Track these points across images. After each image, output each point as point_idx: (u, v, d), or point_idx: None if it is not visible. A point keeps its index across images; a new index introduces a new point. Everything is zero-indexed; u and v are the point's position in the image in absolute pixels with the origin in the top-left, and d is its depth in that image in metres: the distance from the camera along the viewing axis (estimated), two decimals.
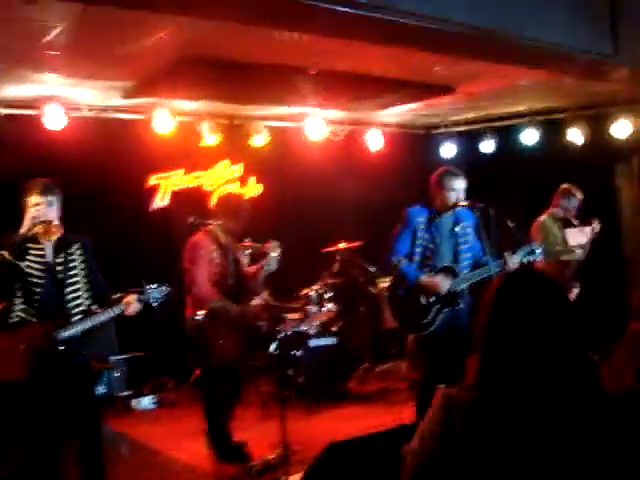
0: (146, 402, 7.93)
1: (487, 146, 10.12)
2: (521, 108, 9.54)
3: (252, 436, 6.49)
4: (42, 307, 4.66)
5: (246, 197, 9.49)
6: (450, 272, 5.82)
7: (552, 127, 9.61)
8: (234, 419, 6.42)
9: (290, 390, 7.48)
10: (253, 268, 6.40)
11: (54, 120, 7.54)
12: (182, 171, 9.13)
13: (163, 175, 8.97)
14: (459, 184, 5.82)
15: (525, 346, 2.06)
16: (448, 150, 10.46)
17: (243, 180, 9.61)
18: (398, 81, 7.63)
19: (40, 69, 6.49)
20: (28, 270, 4.66)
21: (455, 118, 10.32)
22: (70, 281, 4.79)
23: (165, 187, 8.98)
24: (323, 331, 8.12)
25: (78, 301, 4.81)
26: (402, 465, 2.24)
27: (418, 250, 5.82)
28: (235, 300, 5.97)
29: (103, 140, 7.93)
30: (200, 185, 9.29)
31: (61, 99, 7.51)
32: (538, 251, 6.01)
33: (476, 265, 5.93)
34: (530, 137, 9.69)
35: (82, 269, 4.87)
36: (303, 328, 8.02)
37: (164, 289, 5.06)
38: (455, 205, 5.79)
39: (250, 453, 5.90)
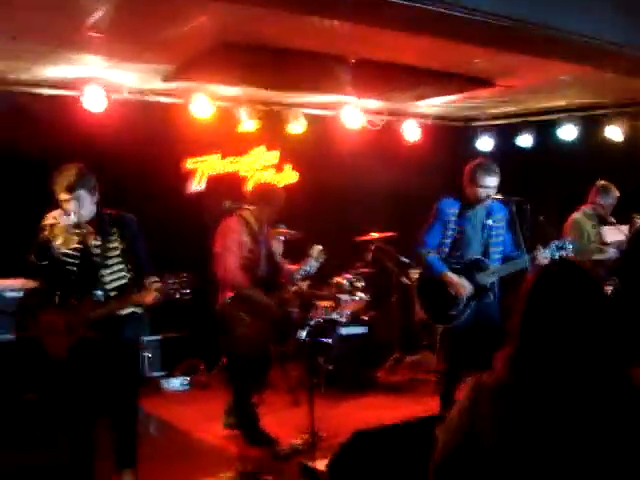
0: (177, 384, 8.00)
1: (525, 140, 10.04)
2: (560, 103, 9.45)
3: (280, 421, 6.57)
4: (78, 289, 4.75)
5: (281, 184, 9.54)
6: (480, 265, 5.82)
7: (591, 123, 9.50)
8: (262, 404, 6.50)
9: (319, 377, 7.51)
10: (292, 267, 6.42)
11: (94, 102, 7.60)
12: (219, 156, 9.17)
13: (200, 159, 9.03)
14: (491, 181, 5.81)
15: (560, 338, 2.07)
16: (485, 143, 10.39)
17: (279, 167, 9.63)
18: (437, 72, 7.59)
19: (82, 50, 6.55)
20: (63, 253, 4.74)
21: (493, 111, 10.24)
22: (107, 263, 4.84)
23: (202, 171, 9.03)
24: (354, 320, 8.13)
25: (115, 284, 4.85)
26: (433, 450, 2.25)
27: (448, 241, 5.84)
28: (265, 289, 5.99)
29: (142, 123, 8.00)
30: (236, 170, 9.32)
31: (102, 81, 7.57)
32: (569, 247, 5.98)
33: (506, 259, 5.92)
34: (568, 133, 9.59)
35: (121, 250, 4.90)
36: (334, 316, 8.04)
37: (182, 280, 4.93)
38: (487, 197, 5.78)
39: (276, 438, 5.95)
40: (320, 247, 6.16)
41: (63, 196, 4.72)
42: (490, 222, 5.88)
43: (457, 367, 5.98)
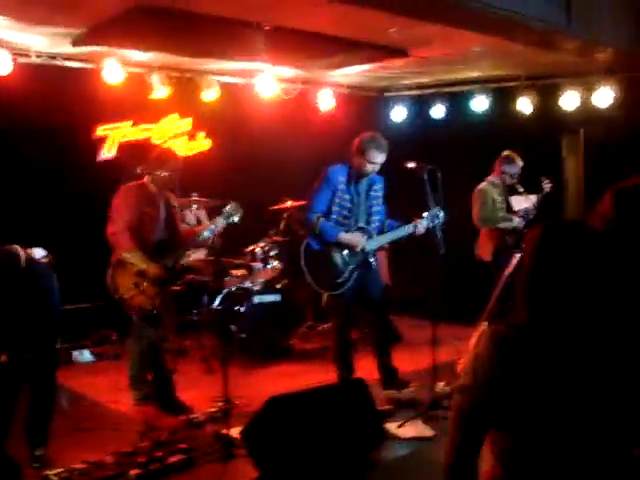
0: (88, 355, 7.89)
1: (438, 111, 10.18)
2: (473, 75, 9.59)
3: (194, 389, 6.55)
4: None
5: (194, 152, 9.46)
6: (365, 233, 6.01)
7: (502, 95, 9.69)
8: (176, 372, 6.47)
9: (232, 346, 7.51)
10: (197, 229, 6.43)
11: (0, 65, 7.37)
12: (130, 123, 9.00)
13: (111, 126, 8.85)
14: (380, 158, 5.98)
15: (568, 288, 2.20)
16: (399, 113, 10.51)
17: (192, 135, 9.53)
18: (352, 41, 7.61)
19: None
20: None
21: (407, 82, 10.33)
22: None
23: (113, 138, 8.85)
24: (267, 288, 8.14)
25: None
26: (452, 401, 2.34)
27: (336, 209, 5.99)
28: (160, 252, 5.95)
29: (51, 88, 7.80)
30: (148, 138, 9.18)
31: (8, 44, 7.33)
32: (440, 214, 6.12)
33: (381, 227, 6.13)
34: (480, 104, 9.75)
35: None
36: (247, 284, 8.04)
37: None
38: (372, 172, 5.97)
39: (191, 406, 5.95)
40: (234, 203, 6.13)
41: None
42: (372, 192, 6.08)
43: (343, 330, 6.19)
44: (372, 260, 6.14)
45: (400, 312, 8.47)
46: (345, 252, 6.04)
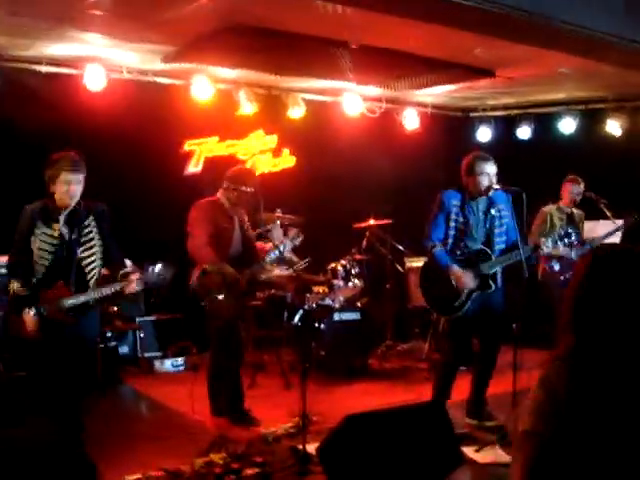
0: (169, 364, 8.02)
1: (524, 132, 10.06)
2: (560, 96, 9.46)
3: (271, 404, 6.60)
4: (54, 275, 4.86)
5: (279, 168, 9.56)
6: (483, 255, 5.84)
7: (590, 117, 9.54)
8: (254, 386, 6.51)
9: (311, 362, 7.54)
10: (265, 246, 6.47)
11: (94, 80, 7.60)
12: (217, 138, 9.17)
13: (198, 141, 9.02)
14: (490, 168, 5.83)
15: (618, 320, 2.11)
16: (484, 134, 10.40)
17: (277, 151, 9.63)
18: (438, 61, 7.60)
19: (83, 28, 6.54)
20: (40, 241, 4.87)
21: (493, 102, 10.26)
22: (85, 254, 4.96)
23: (199, 153, 9.03)
24: (348, 306, 8.14)
25: (93, 272, 4.98)
26: (520, 450, 2.20)
27: (451, 233, 5.85)
28: (237, 267, 6.00)
29: (141, 103, 8.00)
30: (234, 153, 9.32)
31: (102, 60, 7.56)
32: (573, 235, 5.95)
33: (508, 248, 5.94)
34: (568, 126, 9.61)
35: (97, 239, 5.01)
36: (328, 302, 8.06)
37: (162, 272, 5.10)
38: (488, 189, 5.78)
39: (260, 419, 5.99)
40: (296, 229, 6.18)
41: (66, 176, 4.83)
42: (493, 212, 5.89)
43: (458, 357, 6.04)
44: (492, 283, 5.89)
45: None
46: (453, 282, 5.88)
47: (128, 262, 5.36)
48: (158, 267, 5.10)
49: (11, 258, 5.00)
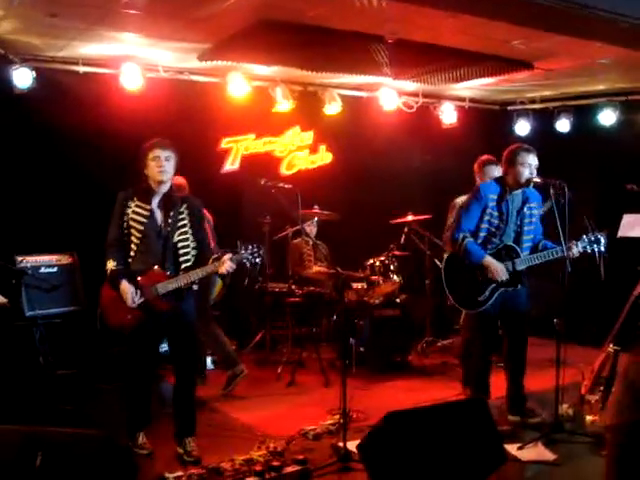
0: (209, 362, 8.03)
1: (563, 125, 9.92)
2: (600, 87, 9.32)
3: (311, 401, 6.59)
4: (147, 257, 5.03)
5: (316, 165, 9.54)
6: (512, 252, 5.76)
7: (631, 108, 9.37)
8: (294, 384, 6.52)
9: (350, 359, 7.51)
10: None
11: (131, 80, 7.65)
12: (253, 136, 9.17)
13: (235, 139, 9.03)
14: (533, 159, 5.73)
15: None
16: (522, 127, 10.28)
17: (313, 148, 9.61)
18: (476, 54, 7.52)
19: (119, 28, 6.58)
20: (131, 217, 5.03)
21: (531, 95, 10.13)
22: (178, 239, 5.08)
23: (236, 151, 9.03)
24: (386, 302, 8.10)
25: (186, 257, 5.11)
26: (608, 441, 2.18)
27: (484, 226, 5.75)
28: None
29: (178, 102, 8.04)
30: (271, 150, 9.32)
31: (138, 59, 7.60)
32: (602, 240, 5.86)
33: (534, 247, 5.86)
34: (607, 118, 9.46)
35: (189, 228, 5.13)
36: (367, 298, 8.02)
37: (255, 250, 5.21)
38: (528, 182, 5.69)
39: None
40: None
41: (158, 152, 5.04)
42: (525, 209, 5.81)
43: (485, 350, 5.97)
44: (518, 281, 5.79)
45: None
46: (488, 274, 5.81)
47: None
48: (250, 245, 5.21)
49: (107, 240, 5.10)
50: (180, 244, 5.07)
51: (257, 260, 5.24)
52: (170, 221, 5.04)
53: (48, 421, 5.42)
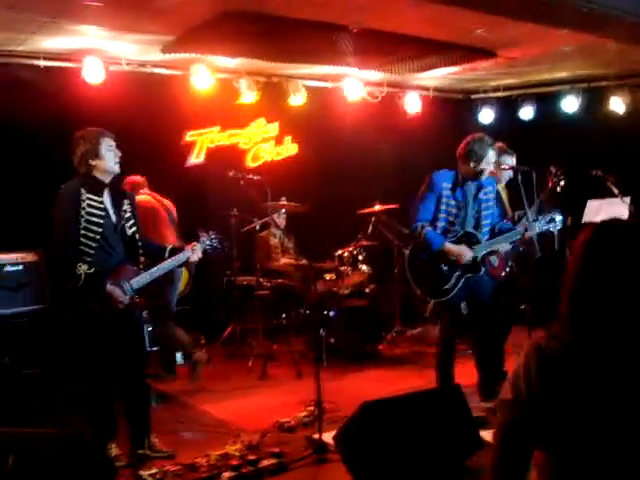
0: (178, 357, 7.96)
1: (526, 113, 9.99)
2: (562, 75, 9.39)
3: (284, 394, 6.56)
4: (110, 259, 4.76)
5: (281, 157, 9.51)
6: (472, 238, 5.79)
7: (594, 95, 9.46)
8: (266, 377, 6.48)
9: (321, 350, 7.50)
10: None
11: (93, 73, 7.54)
12: (218, 128, 9.11)
13: (199, 132, 8.96)
14: (493, 156, 5.78)
15: (616, 296, 2.02)
16: (486, 116, 10.34)
17: (279, 139, 9.57)
18: (439, 43, 7.53)
19: (81, 21, 6.48)
20: (87, 212, 4.68)
21: (494, 83, 10.17)
22: (131, 232, 4.90)
23: (201, 144, 8.97)
24: (356, 292, 8.10)
25: (141, 250, 4.97)
26: (497, 416, 2.22)
27: (442, 215, 5.77)
28: None
29: (141, 95, 7.94)
30: (236, 143, 9.27)
31: (101, 52, 7.50)
32: (558, 219, 5.91)
33: (493, 232, 5.90)
34: (571, 105, 9.54)
35: (134, 219, 4.95)
36: (336, 289, 8.01)
37: (213, 235, 5.24)
38: (482, 172, 5.73)
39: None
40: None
41: (112, 142, 4.89)
42: (481, 195, 5.84)
43: (450, 337, 6.01)
44: (482, 267, 5.84)
45: None
46: (452, 258, 5.83)
47: None
48: (210, 233, 5.25)
49: (65, 240, 4.62)
50: (135, 237, 4.90)
51: (215, 244, 5.25)
52: (122, 215, 4.84)
53: (15, 421, 5.34)
